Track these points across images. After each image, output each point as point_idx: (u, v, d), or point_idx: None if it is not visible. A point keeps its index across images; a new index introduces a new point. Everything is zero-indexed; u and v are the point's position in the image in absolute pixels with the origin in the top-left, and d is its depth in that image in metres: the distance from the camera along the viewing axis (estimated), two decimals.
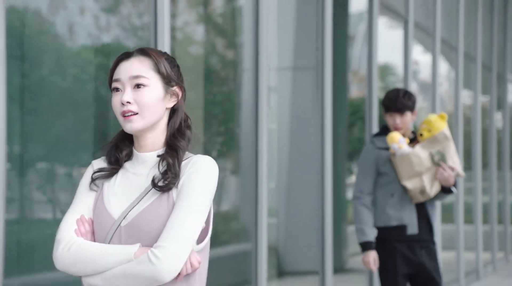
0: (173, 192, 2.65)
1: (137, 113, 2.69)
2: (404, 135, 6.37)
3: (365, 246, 6.42)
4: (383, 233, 6.45)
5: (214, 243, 7.61)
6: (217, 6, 8.05)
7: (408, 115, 6.39)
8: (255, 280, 7.26)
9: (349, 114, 10.31)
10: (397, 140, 6.22)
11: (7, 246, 5.00)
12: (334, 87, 8.91)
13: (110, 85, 2.76)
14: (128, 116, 2.69)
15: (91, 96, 6.15)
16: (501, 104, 16.30)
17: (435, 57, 11.97)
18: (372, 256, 6.38)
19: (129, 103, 2.67)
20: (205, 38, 7.73)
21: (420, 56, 12.07)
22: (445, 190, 6.32)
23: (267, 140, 7.58)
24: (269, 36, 7.95)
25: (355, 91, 10.79)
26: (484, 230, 14.00)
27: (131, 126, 2.69)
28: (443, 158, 6.25)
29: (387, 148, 6.37)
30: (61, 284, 5.16)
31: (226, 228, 7.82)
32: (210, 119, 7.53)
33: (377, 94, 9.98)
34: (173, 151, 2.72)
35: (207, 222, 2.69)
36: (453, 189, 6.37)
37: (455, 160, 6.31)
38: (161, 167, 2.70)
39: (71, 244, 2.60)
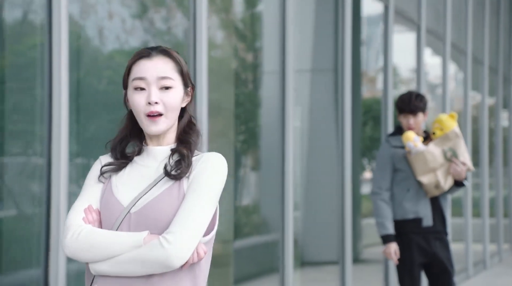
0: (184, 183, 2.60)
1: (161, 114, 2.63)
2: (417, 134, 6.46)
3: (386, 239, 6.49)
4: (400, 225, 6.50)
5: (238, 235, 7.18)
6: (238, 12, 7.95)
7: (421, 116, 6.47)
8: (282, 269, 7.28)
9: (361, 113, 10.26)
10: (412, 139, 6.30)
11: None
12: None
13: (126, 81, 2.69)
14: (154, 116, 2.62)
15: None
16: (507, 104, 16.21)
17: (445, 61, 11.90)
18: (393, 248, 6.45)
19: (157, 103, 2.61)
20: (228, 41, 7.68)
21: (428, 58, 11.99)
22: (458, 183, 6.41)
23: (293, 138, 7.55)
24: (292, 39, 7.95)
25: (365, 91, 10.78)
26: (490, 223, 13.99)
27: (157, 128, 2.64)
28: (455, 154, 6.33)
29: (402, 147, 6.45)
30: None
31: (248, 221, 7.81)
32: (234, 118, 7.51)
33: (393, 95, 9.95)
34: (186, 144, 2.68)
35: (213, 216, 2.64)
36: (465, 182, 6.47)
37: (465, 156, 6.39)
38: (171, 160, 2.64)
39: (80, 231, 2.54)
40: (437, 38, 11.70)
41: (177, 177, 2.57)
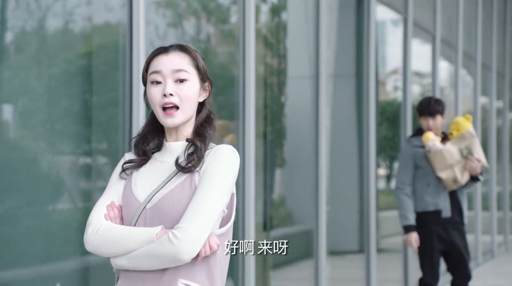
0: (196, 177, 2.50)
1: (177, 107, 2.53)
2: (436, 134, 6.52)
3: (407, 229, 6.57)
4: (422, 217, 6.58)
5: (275, 224, 7.12)
6: (265, 20, 7.80)
7: (439, 118, 6.55)
8: (317, 256, 7.29)
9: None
10: (431, 139, 6.41)
11: None
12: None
13: (144, 78, 2.59)
14: (169, 108, 2.52)
15: None
16: None
17: (457, 68, 11.80)
18: (414, 237, 6.52)
19: (172, 95, 2.51)
20: (257, 49, 7.48)
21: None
22: (474, 178, 6.50)
23: (326, 138, 7.51)
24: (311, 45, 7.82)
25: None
26: (498, 216, 13.89)
27: (173, 121, 2.53)
28: (470, 152, 6.42)
29: (422, 146, 6.53)
30: None
31: (282, 212, 7.74)
32: (262, 119, 7.40)
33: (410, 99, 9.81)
34: (201, 137, 2.57)
35: (230, 208, 2.55)
36: (480, 177, 6.53)
37: (480, 153, 6.47)
38: (187, 153, 2.54)
39: (99, 227, 2.48)
40: (449, 47, 11.60)
41: (185, 170, 2.48)
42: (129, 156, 2.65)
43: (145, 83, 2.58)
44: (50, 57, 4.53)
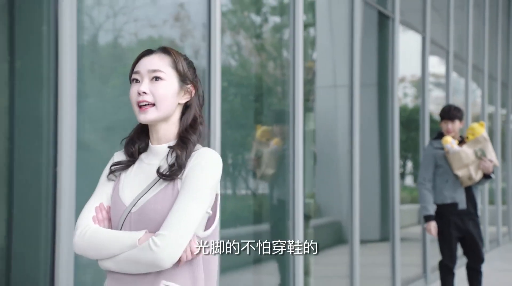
0: (178, 183, 2.29)
1: (152, 105, 2.31)
2: (454, 138, 6.59)
3: (427, 218, 6.62)
4: (441, 208, 6.65)
5: (315, 215, 7.02)
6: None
7: (457, 123, 6.62)
8: (351, 244, 7.32)
9: None
10: (450, 142, 6.49)
11: None
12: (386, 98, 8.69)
13: (130, 78, 2.39)
14: (143, 106, 2.32)
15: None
16: None
17: (467, 81, 11.63)
18: (433, 225, 6.58)
19: (145, 93, 2.31)
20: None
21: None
22: (486, 176, 6.57)
23: (358, 140, 7.41)
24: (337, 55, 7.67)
25: None
26: (503, 210, 13.79)
27: (145, 116, 2.32)
28: (483, 153, 6.49)
29: (442, 148, 6.58)
30: None
31: (320, 204, 7.57)
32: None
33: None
34: (183, 144, 2.34)
35: (214, 210, 2.34)
36: (492, 175, 6.59)
37: (492, 155, 6.52)
38: (169, 158, 2.33)
39: (86, 231, 2.28)
40: (460, 60, 11.41)
41: (167, 178, 2.28)
42: (118, 155, 2.45)
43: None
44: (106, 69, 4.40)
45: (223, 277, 5.40)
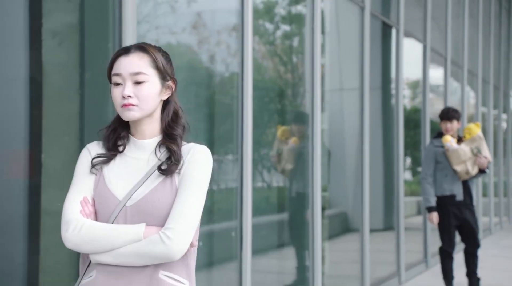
0: (176, 178, 2.17)
1: (136, 105, 2.17)
2: (452, 136, 6.64)
3: (429, 209, 6.71)
4: (441, 200, 6.73)
5: (328, 206, 6.90)
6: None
7: (455, 123, 6.65)
8: (362, 231, 7.31)
9: None
10: (449, 141, 6.56)
11: None
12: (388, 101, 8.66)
13: (109, 77, 2.20)
14: (126, 105, 2.16)
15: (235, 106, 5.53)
16: (506, 111, 15.77)
17: (463, 86, 11.58)
18: (434, 216, 6.67)
19: (130, 97, 2.15)
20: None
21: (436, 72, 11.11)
22: (481, 171, 6.66)
23: (368, 139, 7.33)
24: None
25: None
26: (494, 202, 13.71)
27: (129, 114, 2.17)
28: (479, 151, 6.57)
29: (442, 146, 6.63)
30: None
31: (331, 197, 7.43)
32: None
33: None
34: (171, 139, 2.21)
35: None
36: (487, 170, 6.66)
37: (487, 152, 6.58)
38: (158, 153, 2.20)
39: (81, 226, 2.10)
40: (457, 65, 11.37)
41: (167, 173, 2.16)
42: (93, 147, 2.25)
43: (110, 81, 2.22)
44: None
45: (253, 259, 5.34)
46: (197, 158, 2.18)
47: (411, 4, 9.22)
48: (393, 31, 8.37)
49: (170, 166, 2.14)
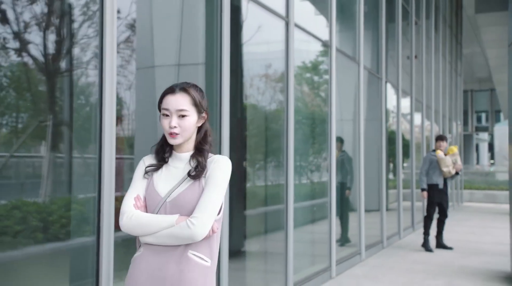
0: (202, 181, 2.45)
1: (179, 133, 2.45)
2: (442, 151, 8.22)
3: (422, 190, 8.28)
4: (430, 187, 8.36)
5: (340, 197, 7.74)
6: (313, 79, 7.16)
7: (444, 143, 8.17)
8: (359, 212, 7.83)
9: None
10: (440, 153, 8.16)
11: None
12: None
13: (159, 108, 2.47)
14: (173, 134, 2.44)
15: (264, 111, 5.58)
16: (450, 132, 17.01)
17: (423, 117, 12.61)
18: (425, 194, 8.24)
19: (175, 127, 2.44)
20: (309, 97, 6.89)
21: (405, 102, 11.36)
22: (457, 173, 8.32)
23: (363, 152, 7.95)
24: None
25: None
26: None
27: (175, 141, 2.47)
28: (456, 161, 8.27)
29: (435, 156, 8.23)
30: None
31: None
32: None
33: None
34: (200, 152, 2.49)
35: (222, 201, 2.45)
36: (460, 172, 8.22)
37: (459, 162, 8.33)
38: (192, 163, 2.48)
39: (132, 215, 2.41)
40: (418, 101, 12.27)
41: (195, 178, 2.44)
42: (148, 159, 2.57)
43: (160, 111, 2.48)
44: None
45: (295, 230, 5.76)
46: (218, 165, 2.46)
47: (390, 63, 10.05)
48: (380, 81, 9.23)
49: (197, 172, 2.45)
